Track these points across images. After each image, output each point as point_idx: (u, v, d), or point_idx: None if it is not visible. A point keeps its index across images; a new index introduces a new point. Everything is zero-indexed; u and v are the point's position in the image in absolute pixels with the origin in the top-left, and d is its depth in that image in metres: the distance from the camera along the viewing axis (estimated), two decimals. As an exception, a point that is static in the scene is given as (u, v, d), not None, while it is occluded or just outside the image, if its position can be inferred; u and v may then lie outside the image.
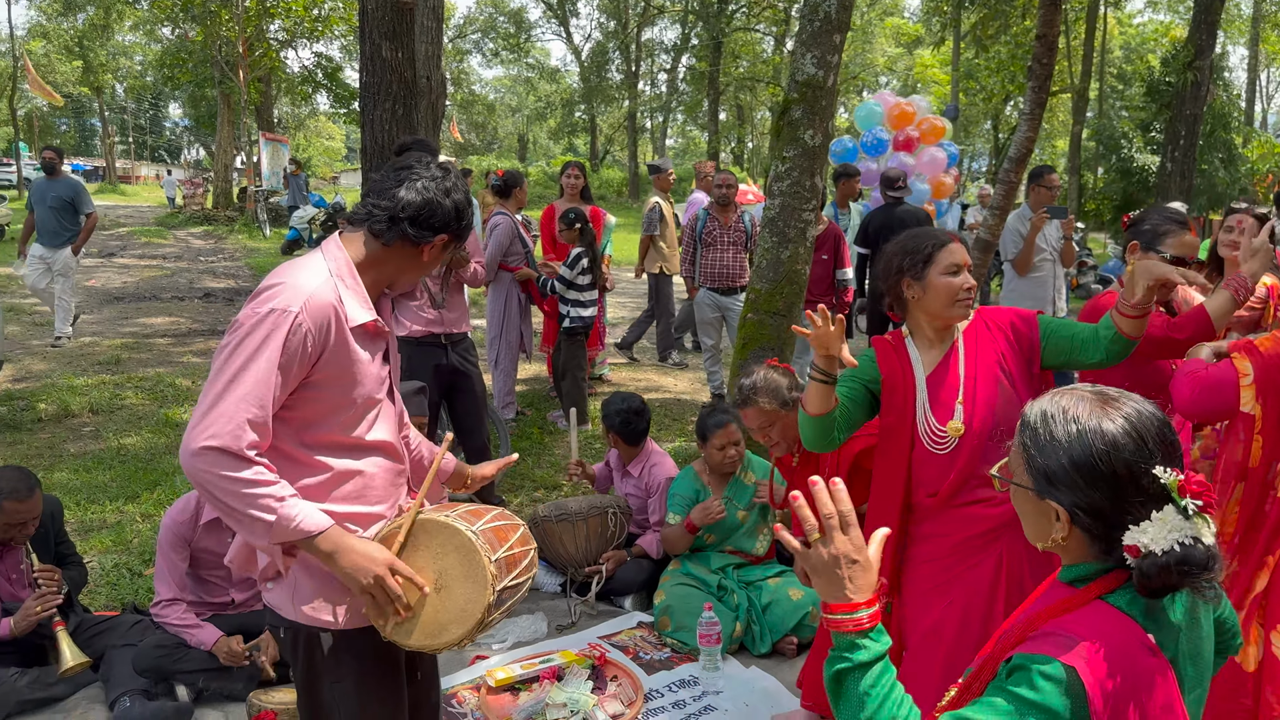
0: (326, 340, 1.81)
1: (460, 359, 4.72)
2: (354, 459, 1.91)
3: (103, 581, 4.29)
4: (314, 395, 1.84)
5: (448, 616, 1.80)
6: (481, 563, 1.79)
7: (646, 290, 8.99)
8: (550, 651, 3.54)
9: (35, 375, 8.33)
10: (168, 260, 18.19)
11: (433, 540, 1.84)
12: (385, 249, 1.93)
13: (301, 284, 1.81)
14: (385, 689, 1.95)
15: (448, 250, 1.99)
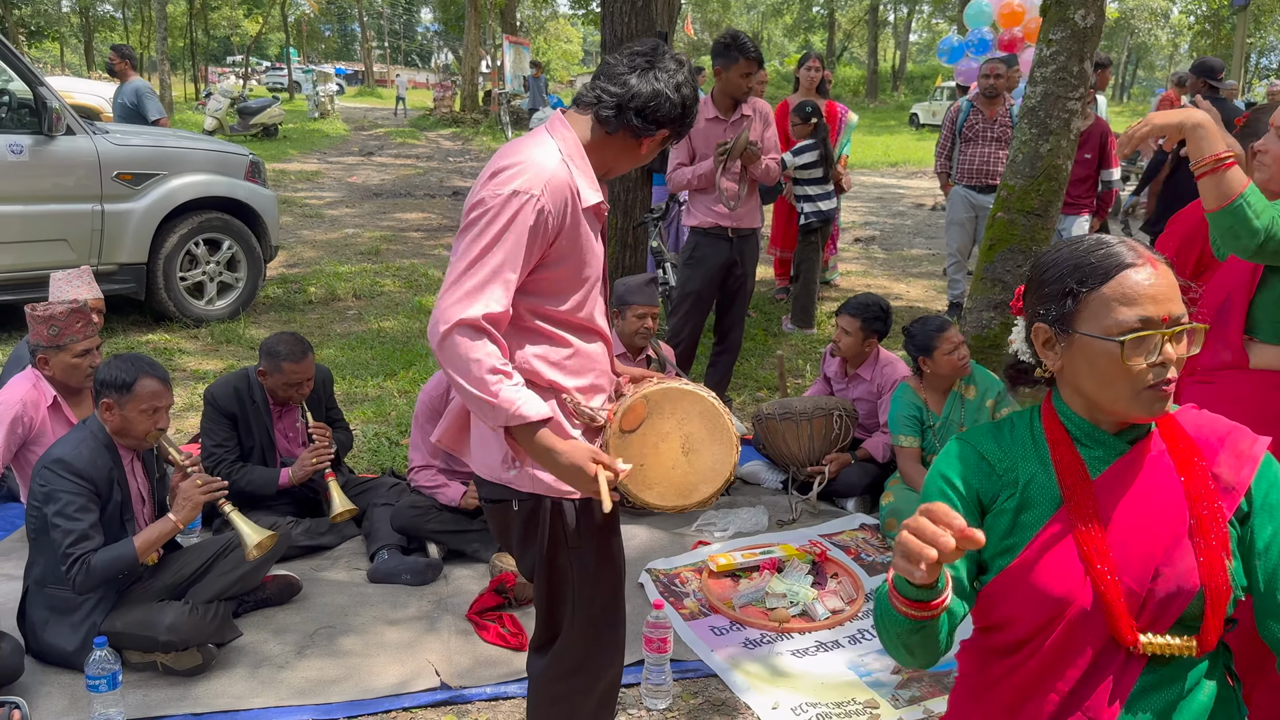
0: (564, 220, 1.85)
1: (740, 255, 4.73)
2: (577, 335, 1.97)
3: (365, 448, 4.71)
4: (548, 274, 1.88)
5: (697, 477, 1.92)
6: (726, 425, 1.91)
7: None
8: (770, 544, 3.58)
9: (305, 262, 9.14)
10: (420, 160, 19.29)
11: (677, 407, 1.92)
12: (608, 136, 1.94)
13: (540, 163, 1.83)
14: (613, 555, 2.06)
15: (664, 145, 1.98)
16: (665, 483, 1.92)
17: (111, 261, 6.17)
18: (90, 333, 3.39)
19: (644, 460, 1.90)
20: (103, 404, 2.82)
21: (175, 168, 6.45)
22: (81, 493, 2.71)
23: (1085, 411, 1.45)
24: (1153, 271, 1.38)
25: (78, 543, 2.67)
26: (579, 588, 2.01)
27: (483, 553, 3.53)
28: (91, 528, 2.70)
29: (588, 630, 2.04)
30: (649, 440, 1.91)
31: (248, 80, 33.23)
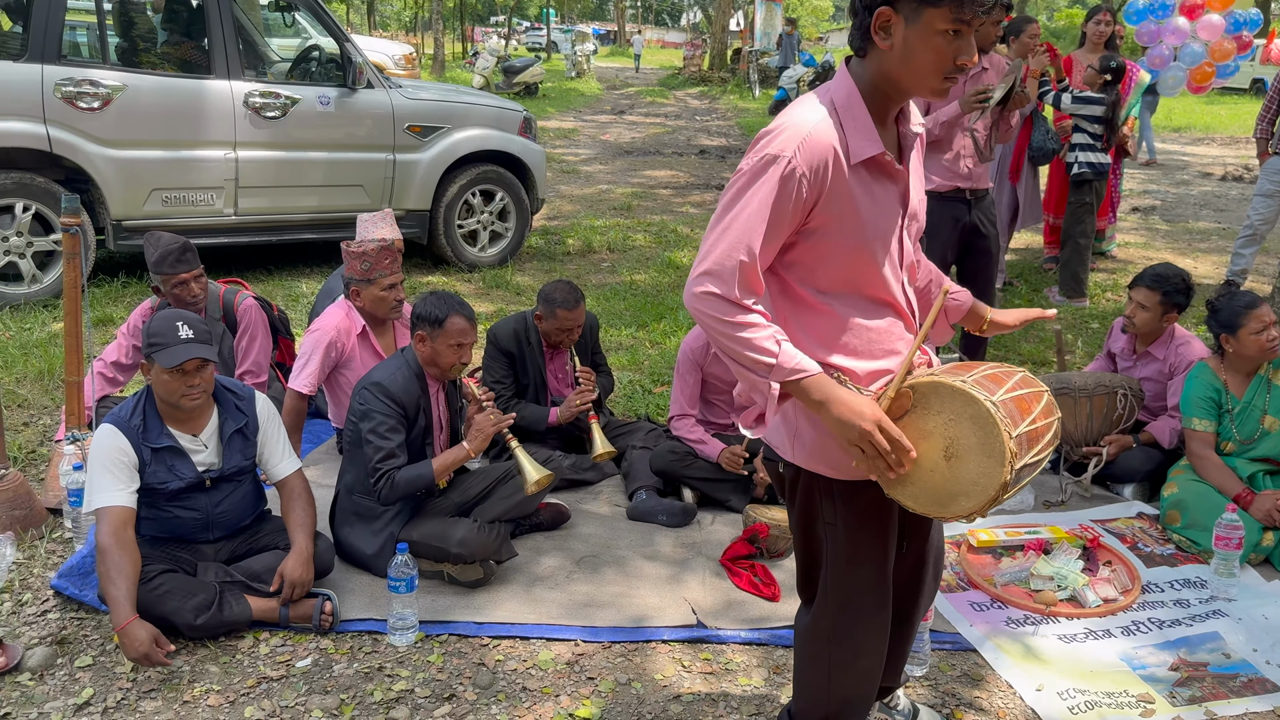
0: (823, 183, 1.70)
1: (981, 217, 4.49)
2: (857, 310, 1.83)
3: (620, 394, 4.90)
4: (814, 240, 1.77)
5: (958, 487, 1.70)
6: (1000, 438, 1.65)
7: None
8: (1036, 524, 3.43)
9: (564, 215, 9.55)
10: (668, 119, 19.58)
11: (945, 405, 1.71)
12: (878, 53, 1.72)
13: (798, 124, 1.71)
14: (875, 541, 1.92)
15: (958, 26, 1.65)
16: (921, 483, 1.74)
17: (400, 207, 6.72)
18: (395, 269, 3.72)
19: None
20: (417, 335, 3.11)
21: (458, 122, 6.91)
22: (392, 414, 3.01)
23: None
24: None
25: (385, 459, 2.97)
26: (832, 563, 1.96)
27: (736, 502, 3.61)
28: (398, 447, 3.00)
29: (841, 605, 1.98)
30: (910, 434, 1.73)
31: (509, 40, 34.83)
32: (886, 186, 1.80)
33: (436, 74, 23.80)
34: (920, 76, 1.70)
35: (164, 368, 2.69)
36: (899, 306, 1.88)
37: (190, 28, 6.37)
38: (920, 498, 1.74)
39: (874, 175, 1.77)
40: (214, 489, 2.87)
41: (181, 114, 5.87)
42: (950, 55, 1.67)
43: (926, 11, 1.64)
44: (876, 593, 1.97)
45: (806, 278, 1.81)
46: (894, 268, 1.86)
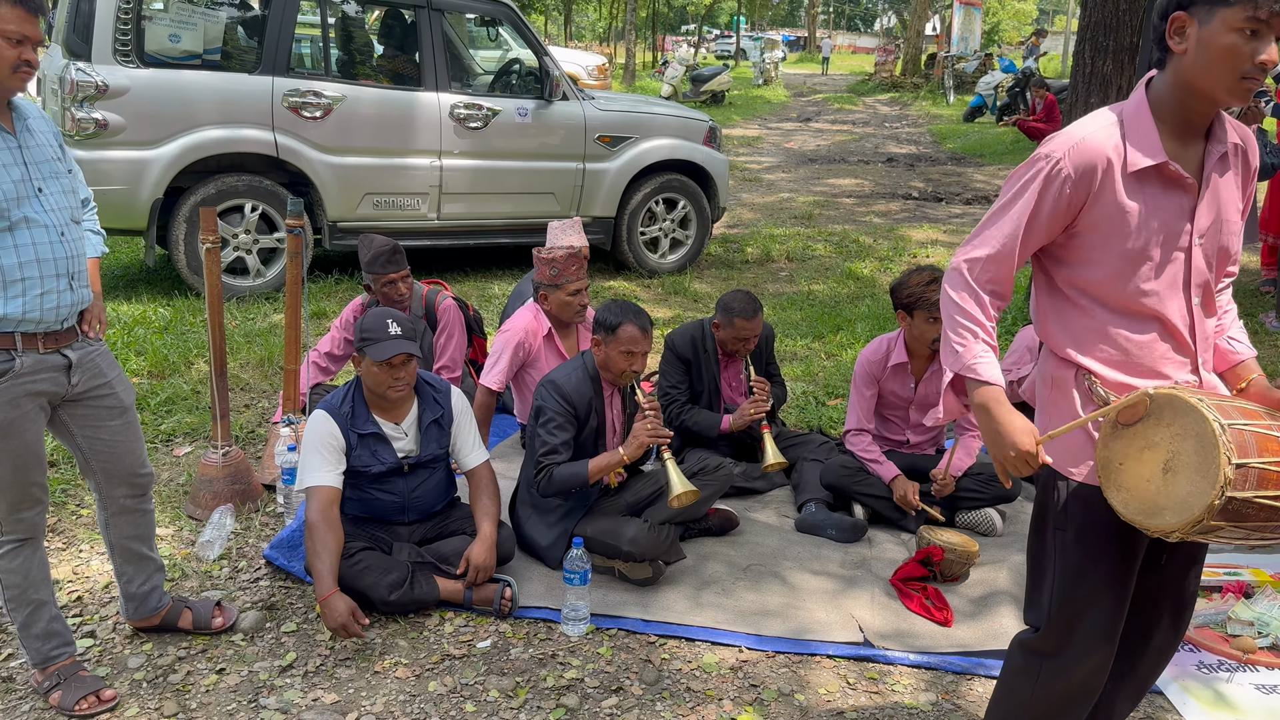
0: (1090, 186, 1.76)
1: None
2: (1119, 318, 1.83)
3: (793, 404, 4.91)
4: (1083, 242, 1.81)
5: (1167, 502, 1.69)
6: (1217, 459, 1.62)
7: None
8: (1238, 565, 3.21)
9: (744, 223, 9.60)
10: (856, 126, 19.29)
11: (1178, 419, 1.70)
12: (1165, 68, 1.76)
13: (1077, 130, 1.79)
14: (1107, 554, 1.89)
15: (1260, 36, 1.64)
16: (1134, 491, 1.75)
17: (587, 214, 6.97)
18: (581, 275, 3.89)
19: (1125, 460, 1.77)
20: (594, 340, 3.25)
21: (645, 132, 7.10)
22: (562, 412, 3.16)
23: None
24: None
25: (549, 454, 3.13)
26: (1060, 573, 1.93)
27: (909, 523, 3.56)
28: (563, 444, 3.14)
29: (1062, 617, 1.94)
30: (1137, 442, 1.75)
31: (699, 48, 35.18)
32: (1173, 199, 1.79)
33: (628, 83, 24.35)
34: (1217, 78, 1.69)
35: (374, 361, 2.93)
36: (1171, 325, 1.83)
37: (404, 42, 6.84)
38: (1130, 505, 1.75)
39: (1158, 186, 1.78)
40: (411, 474, 3.10)
41: (393, 123, 6.32)
42: (1248, 55, 1.65)
43: (1220, 11, 1.65)
44: (1102, 615, 1.90)
45: (1073, 277, 1.85)
46: (1174, 284, 1.82)
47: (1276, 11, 1.62)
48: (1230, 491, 1.61)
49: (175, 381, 4.74)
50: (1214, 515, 1.63)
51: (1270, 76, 5.58)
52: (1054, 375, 1.91)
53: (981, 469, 3.66)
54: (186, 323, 5.55)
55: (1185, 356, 1.86)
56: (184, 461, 4.00)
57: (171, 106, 5.69)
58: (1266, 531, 1.73)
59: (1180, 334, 1.84)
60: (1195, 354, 1.86)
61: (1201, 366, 1.88)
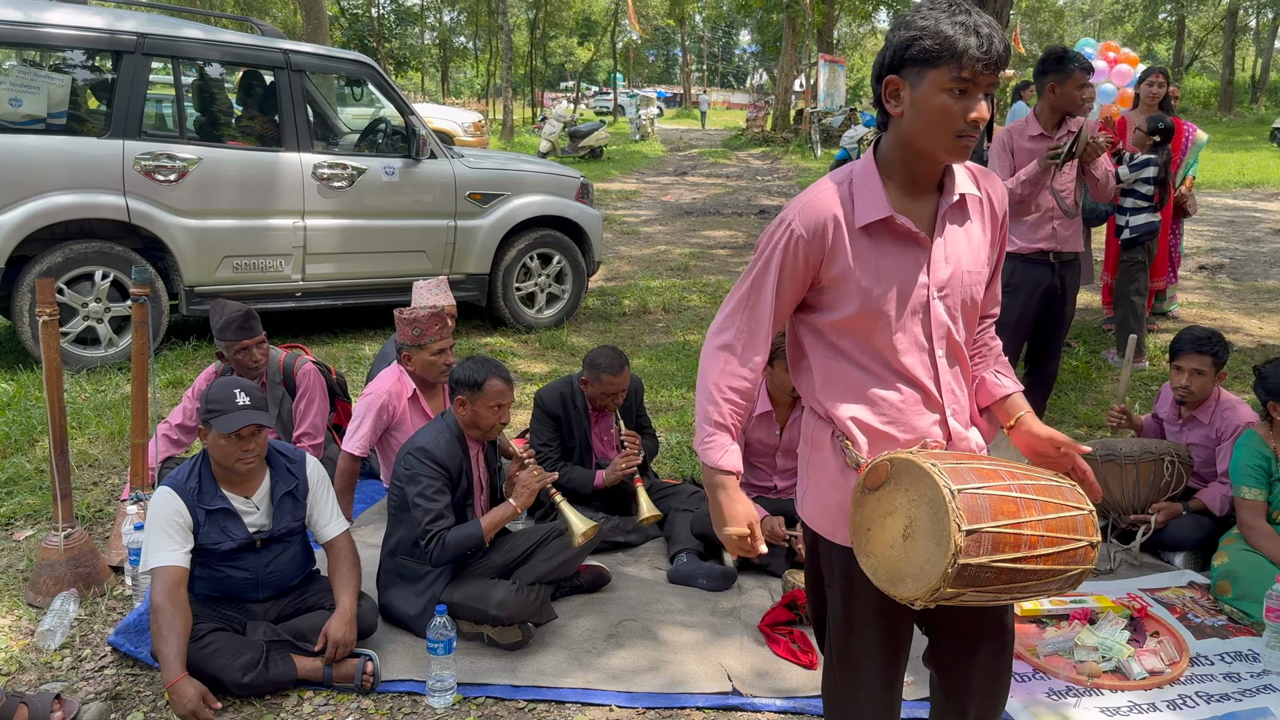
0: (823, 244, 1.78)
1: (1063, 282, 4.46)
2: (865, 373, 1.85)
3: (668, 455, 4.95)
4: (826, 299, 1.83)
5: (907, 568, 1.69)
6: (948, 525, 1.60)
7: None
8: (1084, 594, 3.36)
9: (622, 276, 9.70)
10: (730, 179, 19.80)
11: (914, 485, 1.69)
12: (893, 121, 1.77)
13: (807, 194, 1.82)
14: (872, 610, 1.90)
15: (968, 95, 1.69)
16: (880, 557, 1.74)
17: (460, 271, 6.93)
18: (445, 334, 3.86)
19: (871, 525, 1.76)
20: (457, 399, 3.22)
21: (517, 188, 7.14)
22: (438, 477, 3.11)
23: None
24: None
25: (435, 520, 3.07)
26: (833, 626, 1.99)
27: (777, 566, 3.61)
28: (446, 509, 3.09)
29: (842, 669, 1.99)
30: (881, 507, 1.74)
31: (578, 105, 35.70)
32: (904, 253, 1.81)
33: (506, 139, 24.49)
34: (932, 137, 1.72)
35: (221, 433, 2.83)
36: (916, 378, 1.85)
37: (263, 102, 6.73)
38: (877, 571, 1.74)
39: (890, 241, 1.80)
40: (264, 549, 2.99)
41: (253, 185, 6.18)
42: (959, 114, 1.69)
43: (929, 73, 1.69)
44: (875, 668, 1.94)
45: (824, 336, 1.87)
46: (915, 338, 1.84)
47: (979, 70, 1.67)
48: (963, 558, 1.59)
49: (17, 461, 4.47)
50: (950, 583, 1.62)
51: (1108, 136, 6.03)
52: (813, 435, 1.94)
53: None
54: (31, 398, 5.25)
55: (933, 409, 1.87)
56: (24, 546, 3.76)
57: (11, 172, 5.43)
58: (1012, 592, 1.72)
59: (926, 387, 1.86)
60: (943, 406, 1.88)
61: (951, 418, 1.89)
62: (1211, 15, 42.99)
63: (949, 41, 1.66)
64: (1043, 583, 1.72)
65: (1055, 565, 1.69)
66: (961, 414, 1.91)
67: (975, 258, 1.88)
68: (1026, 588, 1.71)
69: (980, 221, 1.89)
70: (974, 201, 1.88)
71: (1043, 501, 1.71)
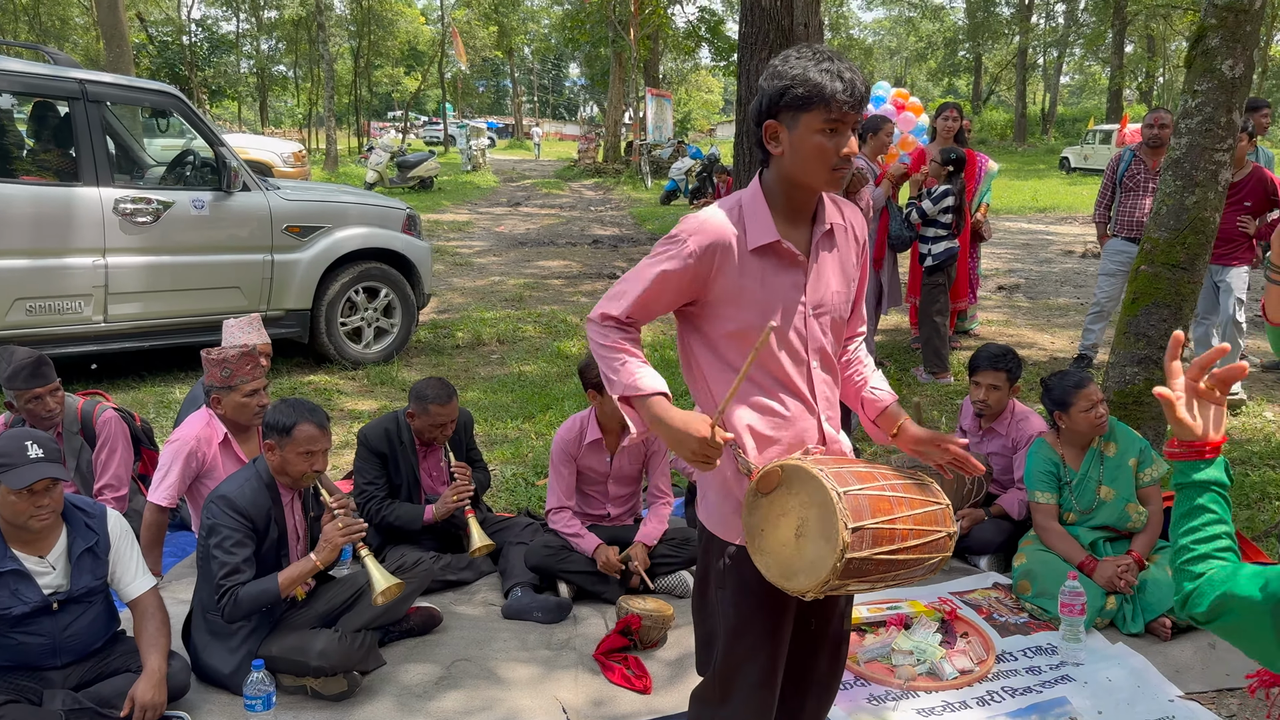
0: (713, 261, 1.94)
1: None
2: (753, 384, 2.01)
3: (503, 488, 4.91)
4: (713, 312, 1.98)
5: (799, 564, 1.86)
6: (836, 525, 1.79)
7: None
8: (898, 600, 3.54)
9: (455, 308, 9.59)
10: (563, 209, 19.93)
11: (804, 488, 1.87)
12: (773, 157, 1.96)
13: (704, 213, 1.99)
14: (762, 609, 2.03)
15: (833, 127, 1.86)
16: (774, 555, 1.90)
17: (279, 307, 6.67)
18: (258, 374, 3.69)
19: (765, 526, 1.92)
20: (266, 444, 3.08)
21: (339, 221, 6.94)
22: (239, 528, 2.96)
23: None
24: None
25: (229, 575, 2.91)
26: (722, 631, 2.08)
27: (611, 594, 3.63)
28: (244, 562, 2.94)
29: (725, 669, 2.08)
30: (774, 510, 1.91)
31: (406, 135, 35.14)
32: (786, 274, 1.99)
33: (330, 170, 23.81)
34: (811, 172, 1.92)
35: (11, 489, 2.61)
36: (796, 387, 2.04)
37: (58, 135, 6.30)
38: (771, 568, 1.91)
39: (773, 263, 1.98)
40: (62, 612, 2.77)
41: (46, 222, 5.76)
42: (833, 150, 1.89)
43: (802, 116, 1.88)
44: (760, 666, 2.06)
45: (714, 349, 2.02)
46: (795, 350, 2.02)
47: (846, 111, 1.86)
48: (850, 553, 1.79)
49: None
50: (838, 575, 1.80)
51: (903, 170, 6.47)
52: None
53: (674, 534, 3.82)
54: None
55: (811, 415, 2.07)
56: None
57: None
58: (889, 580, 1.93)
59: (804, 395, 2.05)
60: (819, 413, 2.07)
61: (825, 423, 2.09)
62: (1005, 53, 46.61)
63: (818, 88, 1.85)
64: (911, 570, 1.94)
65: (922, 554, 1.92)
66: (834, 419, 2.12)
67: (843, 279, 2.09)
68: (899, 575, 1.93)
69: (845, 248, 2.10)
70: (840, 230, 2.09)
71: (911, 499, 1.93)
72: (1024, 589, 3.57)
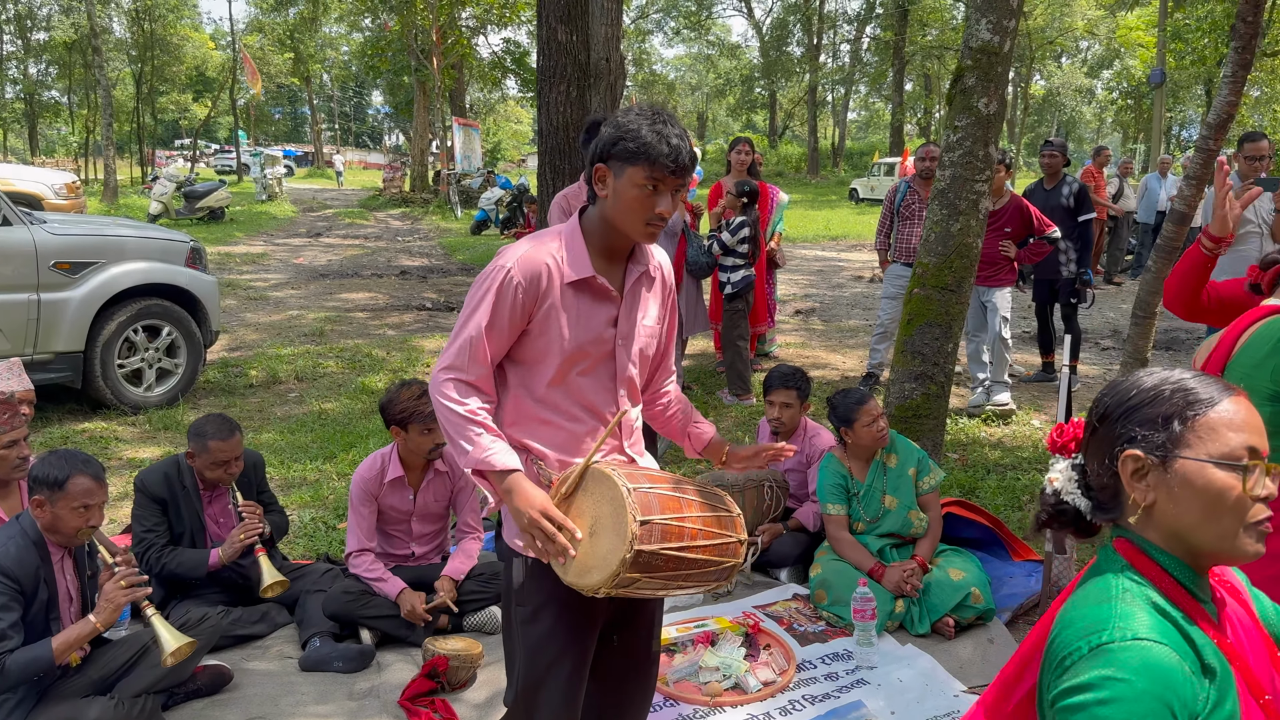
0: (537, 291, 1.99)
1: None
2: (560, 411, 2.07)
3: (301, 533, 4.68)
4: (532, 342, 2.03)
5: (593, 560, 1.91)
6: (626, 519, 1.86)
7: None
8: (705, 618, 3.62)
9: (248, 345, 9.12)
10: (368, 240, 19.39)
11: (598, 488, 1.95)
12: (595, 203, 2.06)
13: (525, 245, 2.04)
14: (563, 623, 2.07)
15: (659, 192, 1.97)
16: (572, 558, 1.94)
17: (48, 350, 6.13)
18: (17, 424, 3.37)
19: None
20: (34, 500, 2.82)
21: (114, 256, 6.47)
22: (4, 591, 2.69)
23: (1185, 556, 1.28)
24: (1247, 403, 1.28)
25: None
26: (523, 646, 2.09)
27: (417, 637, 3.52)
28: (11, 627, 2.67)
29: (528, 689, 2.10)
30: (573, 512, 1.98)
31: (196, 163, 33.26)
32: (600, 308, 2.07)
33: (109, 202, 22.17)
34: (628, 221, 2.01)
35: None
36: (600, 414, 2.11)
37: None
38: (569, 569, 1.95)
39: (589, 297, 2.06)
40: None
41: None
42: (649, 206, 1.98)
43: (628, 169, 1.97)
44: (563, 682, 2.08)
45: (524, 375, 2.07)
46: (604, 380, 2.11)
47: (667, 175, 1.97)
48: (639, 545, 1.86)
49: None
50: (629, 568, 1.86)
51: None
52: None
53: (483, 569, 3.75)
54: None
55: (615, 441, 2.15)
56: None
57: None
58: (681, 580, 1.99)
59: (609, 421, 2.12)
60: (622, 440, 2.17)
61: (629, 448, 2.19)
62: (797, 90, 49.22)
63: (646, 146, 1.94)
64: (702, 572, 2.00)
65: (713, 556, 1.99)
66: (637, 445, 2.21)
67: (652, 318, 2.19)
68: (690, 576, 1.99)
69: (656, 291, 2.21)
70: (653, 273, 2.20)
71: (701, 502, 2.03)
72: (820, 598, 3.73)
